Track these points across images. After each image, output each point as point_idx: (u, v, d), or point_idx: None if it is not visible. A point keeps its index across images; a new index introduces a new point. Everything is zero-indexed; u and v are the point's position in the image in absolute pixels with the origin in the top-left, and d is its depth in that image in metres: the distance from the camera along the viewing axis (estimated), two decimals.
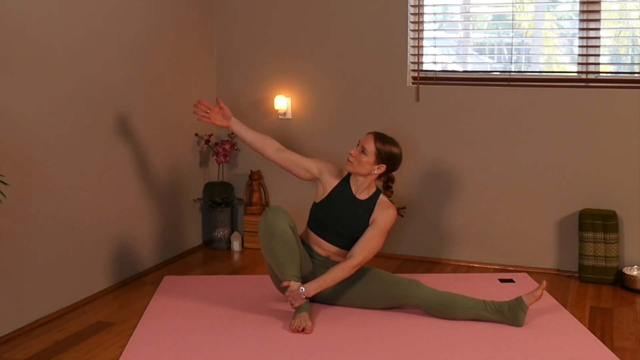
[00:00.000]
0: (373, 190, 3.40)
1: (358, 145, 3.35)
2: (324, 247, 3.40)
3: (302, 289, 3.15)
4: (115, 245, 3.81)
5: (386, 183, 3.45)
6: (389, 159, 3.34)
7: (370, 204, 3.37)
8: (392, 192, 3.46)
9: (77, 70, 3.46)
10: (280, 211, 3.22)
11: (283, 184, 4.67)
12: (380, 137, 3.34)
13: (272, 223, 3.17)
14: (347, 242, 3.37)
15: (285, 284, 3.17)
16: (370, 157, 3.30)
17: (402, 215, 3.47)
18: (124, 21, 3.81)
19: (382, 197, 3.39)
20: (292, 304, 3.19)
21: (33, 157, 3.21)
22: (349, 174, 3.44)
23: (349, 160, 3.33)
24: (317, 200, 3.44)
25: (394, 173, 3.45)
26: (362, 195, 3.38)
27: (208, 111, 3.52)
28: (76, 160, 3.48)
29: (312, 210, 3.46)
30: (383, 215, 3.33)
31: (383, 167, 3.34)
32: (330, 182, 3.43)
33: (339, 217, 3.36)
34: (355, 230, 3.35)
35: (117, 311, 3.43)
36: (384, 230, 3.32)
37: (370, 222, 3.35)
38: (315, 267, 3.39)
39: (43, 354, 2.92)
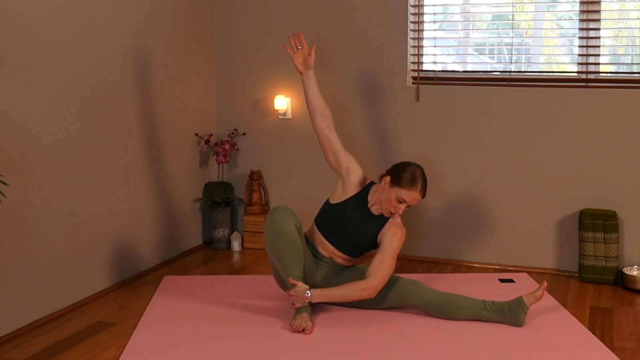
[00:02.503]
0: None
1: (401, 202, 3.24)
2: (327, 249, 3.39)
3: (308, 293, 3.15)
4: (115, 245, 3.82)
5: None
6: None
7: (382, 220, 3.33)
8: None
9: (77, 70, 3.46)
10: (287, 211, 3.19)
11: (283, 184, 4.68)
12: (425, 189, 3.29)
13: (278, 223, 3.15)
14: (349, 249, 3.37)
15: (292, 281, 3.16)
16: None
17: None
18: (124, 21, 3.81)
19: (395, 217, 3.34)
20: (293, 304, 3.19)
21: (33, 157, 3.21)
22: (369, 185, 3.40)
23: (391, 214, 3.28)
24: (332, 201, 3.41)
25: None
26: (377, 211, 3.34)
27: (299, 47, 3.48)
28: (76, 160, 3.48)
29: (325, 209, 3.43)
30: (393, 238, 3.27)
31: None
32: (352, 189, 3.38)
33: (349, 226, 3.34)
34: (361, 241, 3.34)
35: (117, 311, 3.43)
36: (394, 254, 3.26)
37: (378, 239, 3.32)
38: (319, 267, 3.38)
39: (43, 354, 2.92)
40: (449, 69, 4.42)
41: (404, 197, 3.23)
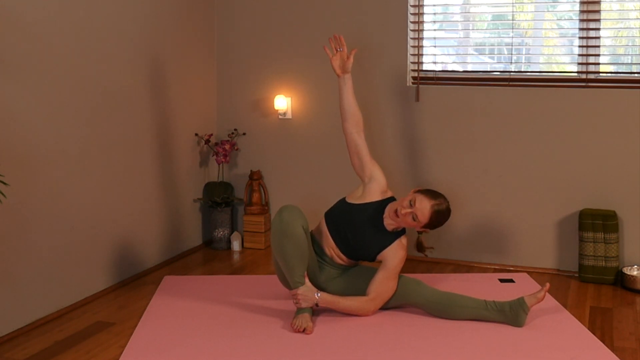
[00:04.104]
0: (400, 227, 3.32)
1: (411, 205, 3.18)
2: (329, 245, 3.37)
3: (317, 295, 3.16)
4: (115, 245, 3.81)
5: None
6: (435, 226, 3.26)
7: (390, 237, 3.30)
8: (427, 231, 3.34)
9: (77, 70, 3.46)
10: (295, 212, 3.16)
11: (283, 184, 4.68)
12: (437, 210, 3.19)
13: (287, 223, 3.11)
14: (348, 250, 3.35)
15: (293, 292, 3.17)
16: (420, 223, 3.20)
17: (426, 255, 3.42)
18: (124, 21, 3.81)
19: (402, 239, 3.32)
20: (297, 303, 3.18)
21: (33, 157, 3.21)
22: (390, 199, 3.38)
23: (396, 215, 3.21)
24: (349, 200, 3.39)
25: None
26: (389, 225, 3.31)
27: (340, 49, 3.47)
28: (76, 160, 3.48)
29: (339, 205, 3.41)
30: (394, 258, 3.25)
31: (427, 230, 3.29)
32: (371, 195, 3.36)
33: (356, 231, 3.31)
34: (363, 248, 3.32)
35: (117, 311, 3.43)
36: (394, 273, 3.26)
37: (379, 256, 3.29)
38: (322, 268, 3.37)
39: (43, 354, 2.92)
40: (449, 69, 4.42)
41: (416, 201, 3.18)
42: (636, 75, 4.02)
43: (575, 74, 4.10)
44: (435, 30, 4.41)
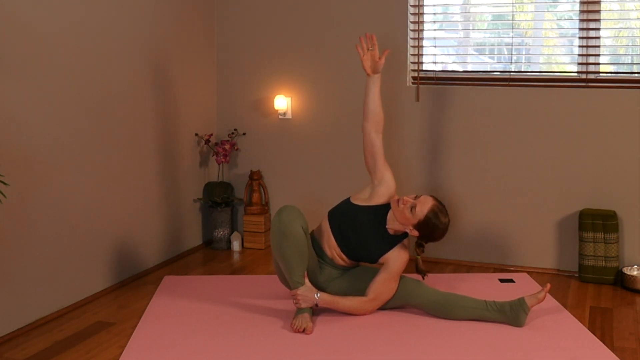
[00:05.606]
0: (402, 231, 3.31)
1: (416, 197, 3.20)
2: (330, 245, 3.36)
3: (317, 295, 3.16)
4: (115, 245, 3.82)
5: (420, 240, 3.29)
6: (426, 234, 3.21)
7: (392, 241, 3.29)
8: (423, 251, 3.31)
9: (77, 70, 3.46)
10: (294, 212, 3.16)
11: (283, 184, 4.68)
12: (436, 212, 3.17)
13: (286, 224, 3.12)
14: (351, 252, 3.35)
15: (293, 293, 3.17)
16: (414, 219, 3.17)
17: (423, 278, 3.36)
18: (124, 22, 3.81)
19: (404, 241, 3.31)
20: (297, 303, 3.18)
21: (33, 157, 3.21)
22: None
23: (397, 202, 3.20)
24: (353, 201, 3.38)
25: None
26: (391, 229, 3.29)
27: (371, 48, 3.45)
28: (76, 160, 3.48)
29: (343, 205, 3.41)
30: (396, 261, 3.25)
31: (416, 234, 3.22)
32: (378, 198, 3.35)
33: (359, 232, 3.31)
34: (365, 250, 3.31)
35: (117, 311, 3.44)
36: (395, 275, 3.26)
37: (381, 259, 3.29)
38: (322, 269, 3.37)
39: (43, 354, 2.92)
40: (449, 69, 4.42)
41: (422, 197, 3.19)
42: (636, 75, 4.02)
43: (575, 74, 4.10)
44: (435, 30, 4.41)
